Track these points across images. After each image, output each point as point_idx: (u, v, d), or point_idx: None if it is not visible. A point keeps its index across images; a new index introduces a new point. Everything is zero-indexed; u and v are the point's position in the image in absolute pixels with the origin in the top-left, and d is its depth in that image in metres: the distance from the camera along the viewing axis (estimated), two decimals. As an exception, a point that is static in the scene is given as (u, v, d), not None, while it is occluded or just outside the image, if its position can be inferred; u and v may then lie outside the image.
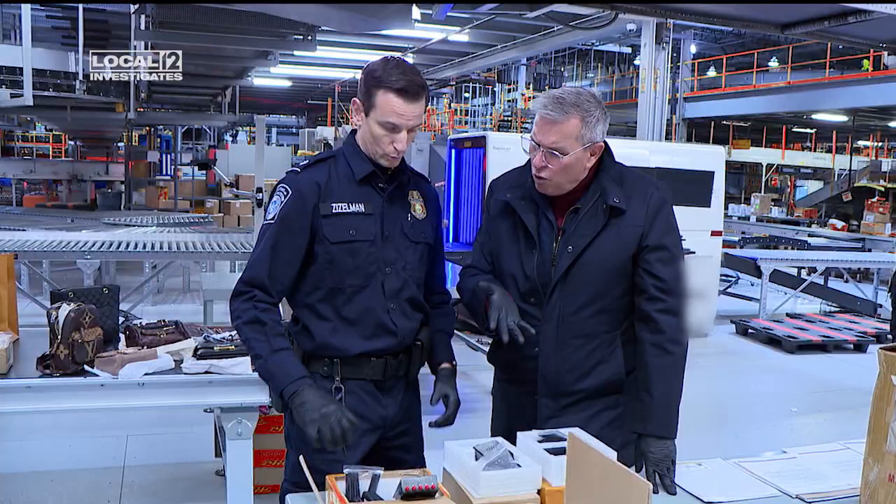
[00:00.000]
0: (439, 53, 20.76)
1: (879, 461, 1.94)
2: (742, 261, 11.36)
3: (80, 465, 5.02)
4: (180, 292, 11.52)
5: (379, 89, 2.30)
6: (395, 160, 2.40)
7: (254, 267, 2.35)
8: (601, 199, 2.39)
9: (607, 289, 2.41)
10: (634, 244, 2.39)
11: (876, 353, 1.96)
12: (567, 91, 2.36)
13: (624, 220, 2.39)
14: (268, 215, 2.40)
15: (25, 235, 8.81)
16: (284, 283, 2.38)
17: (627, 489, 1.56)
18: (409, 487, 1.80)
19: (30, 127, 28.52)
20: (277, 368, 2.27)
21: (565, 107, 2.30)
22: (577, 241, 2.38)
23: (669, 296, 2.37)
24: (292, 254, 2.36)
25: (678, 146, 15.52)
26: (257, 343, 2.30)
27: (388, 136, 2.33)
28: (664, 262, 2.39)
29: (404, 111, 2.31)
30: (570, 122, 2.30)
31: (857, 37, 8.06)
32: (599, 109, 2.35)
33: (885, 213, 19.31)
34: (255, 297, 2.32)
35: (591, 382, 2.45)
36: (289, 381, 2.24)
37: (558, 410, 2.46)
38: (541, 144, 2.34)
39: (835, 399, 7.37)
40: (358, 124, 2.41)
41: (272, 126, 40.86)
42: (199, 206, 20.96)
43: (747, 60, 22.64)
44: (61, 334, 3.17)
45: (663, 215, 2.42)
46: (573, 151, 2.32)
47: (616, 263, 2.39)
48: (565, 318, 2.42)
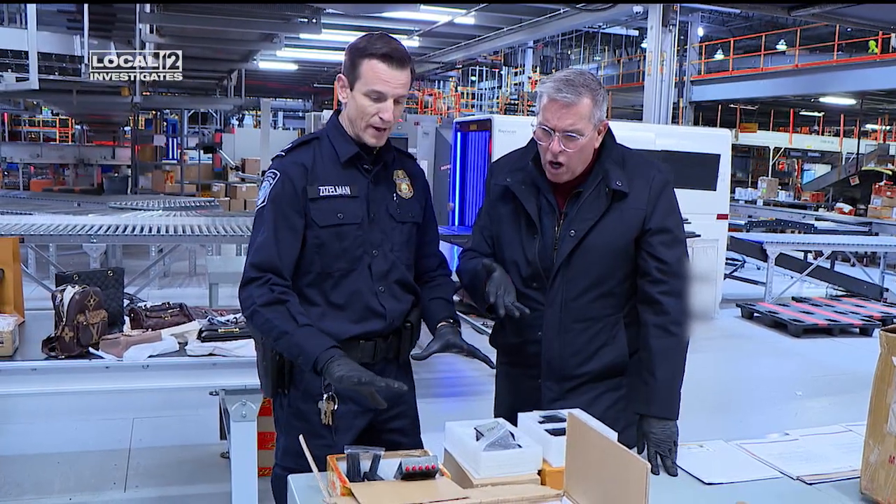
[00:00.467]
0: (445, 36, 20.69)
1: (880, 443, 1.94)
2: (748, 244, 11.34)
3: (85, 448, 5.05)
4: (186, 276, 11.56)
5: (363, 59, 2.29)
6: (382, 135, 2.37)
7: (261, 251, 2.31)
8: (603, 183, 2.38)
9: (610, 272, 2.41)
10: (637, 227, 2.38)
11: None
12: (571, 73, 2.35)
13: (626, 204, 2.38)
14: (259, 202, 2.38)
15: (32, 219, 8.82)
16: (291, 266, 2.35)
17: (626, 469, 1.57)
18: (409, 468, 1.81)
19: (36, 111, 28.52)
20: (306, 340, 2.23)
21: (577, 88, 2.28)
22: (580, 225, 2.38)
23: (672, 278, 2.37)
24: (292, 236, 2.33)
25: (685, 129, 15.48)
26: (280, 321, 2.24)
27: (373, 105, 2.30)
28: (667, 244, 2.38)
29: (389, 77, 2.29)
30: (584, 102, 2.29)
31: (865, 18, 8.03)
32: (601, 88, 2.36)
33: (892, 197, 19.20)
34: (269, 280, 2.28)
35: (594, 366, 2.45)
36: (321, 351, 2.19)
37: (562, 394, 2.46)
38: (556, 129, 2.30)
39: (840, 383, 7.37)
40: (344, 101, 2.38)
41: (278, 110, 40.83)
42: (206, 189, 20.96)
43: (755, 43, 22.53)
44: (66, 317, 3.18)
45: (665, 197, 2.41)
46: (587, 133, 2.31)
47: (619, 247, 2.39)
48: (568, 303, 2.42)
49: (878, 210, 18.27)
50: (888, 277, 12.82)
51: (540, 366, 2.48)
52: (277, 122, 39.71)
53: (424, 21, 17.88)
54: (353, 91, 2.32)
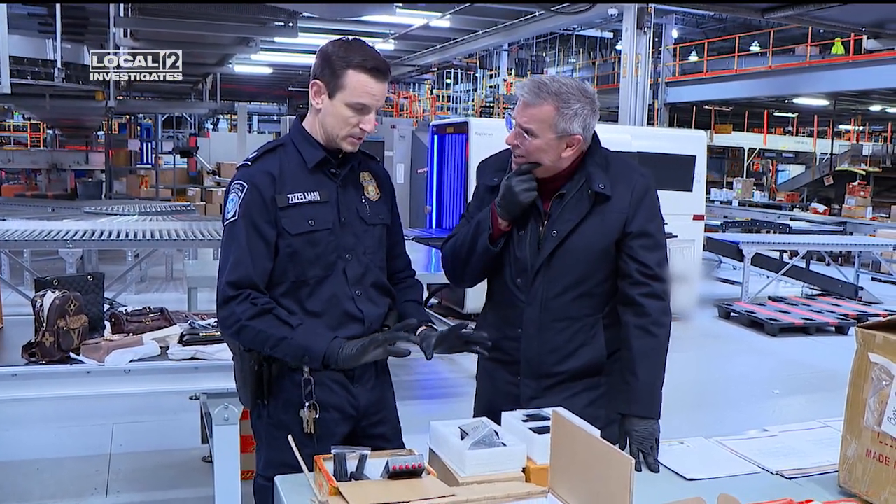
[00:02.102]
0: (421, 39, 20.71)
1: (857, 437, 1.98)
2: (724, 245, 11.44)
3: (66, 454, 5.01)
4: (163, 280, 11.49)
5: (348, 69, 2.27)
6: (359, 142, 2.38)
7: (237, 269, 2.28)
8: (586, 185, 2.41)
9: (590, 273, 2.44)
10: (618, 230, 2.41)
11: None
12: (553, 79, 2.37)
13: (609, 206, 2.40)
14: (227, 214, 2.34)
15: (5, 225, 8.75)
16: (266, 279, 2.33)
17: (610, 465, 1.59)
18: (395, 467, 1.83)
19: (7, 116, 28.25)
20: (308, 339, 2.25)
21: (542, 93, 2.31)
22: (562, 226, 2.40)
23: (654, 281, 2.40)
24: (265, 247, 2.31)
25: (660, 131, 15.58)
26: (274, 329, 2.25)
27: (355, 116, 2.30)
28: (648, 248, 2.41)
29: (375, 91, 2.30)
30: (543, 107, 2.31)
31: (837, 21, 8.14)
32: (582, 104, 2.33)
33: (865, 197, 19.46)
34: (249, 295, 2.27)
35: (572, 364, 2.47)
36: (326, 345, 2.24)
37: (540, 391, 2.48)
38: (515, 122, 2.37)
39: (816, 380, 7.45)
40: (318, 107, 2.35)
41: (253, 113, 40.58)
42: (181, 194, 20.89)
43: (728, 45, 22.69)
44: (46, 322, 3.16)
45: (648, 202, 2.44)
46: (543, 136, 2.33)
47: (600, 249, 2.42)
48: (548, 301, 2.44)
49: (852, 210, 18.50)
50: (863, 276, 12.98)
51: (519, 363, 2.50)
52: (252, 126, 39.50)
53: (400, 24, 17.89)
54: (334, 100, 2.30)
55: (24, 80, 11.96)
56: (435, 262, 7.41)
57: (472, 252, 2.49)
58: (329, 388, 2.39)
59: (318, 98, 2.34)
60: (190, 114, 27.50)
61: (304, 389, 2.34)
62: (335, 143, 2.36)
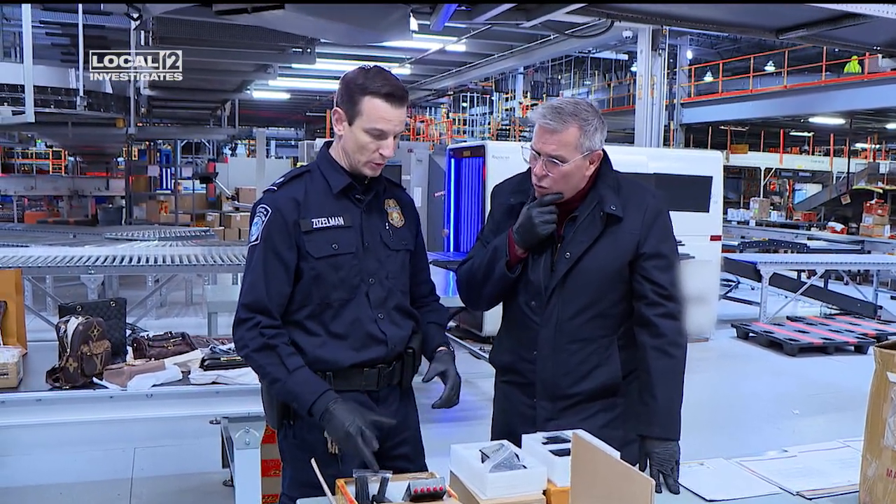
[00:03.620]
0: (437, 63, 20.82)
1: (877, 457, 1.98)
2: (742, 265, 11.40)
3: (88, 478, 5.05)
4: (183, 305, 11.56)
5: (364, 96, 2.31)
6: (379, 168, 2.42)
7: (252, 291, 2.34)
8: (598, 207, 2.44)
9: (604, 294, 2.46)
10: (631, 251, 2.43)
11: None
12: (565, 101, 2.40)
13: (621, 228, 2.43)
14: (251, 238, 2.39)
15: (28, 251, 8.84)
16: (282, 302, 2.38)
17: (631, 486, 1.60)
18: (417, 490, 1.84)
19: (30, 143, 28.55)
20: (299, 387, 2.29)
21: (564, 116, 2.35)
22: (575, 248, 2.43)
23: (669, 301, 2.42)
24: (284, 272, 2.36)
25: (676, 152, 15.56)
26: (272, 367, 2.31)
27: (374, 142, 2.34)
28: (661, 269, 2.43)
29: (392, 116, 2.34)
30: (569, 130, 2.35)
31: (851, 40, 8.12)
32: (597, 118, 2.39)
33: (883, 215, 19.36)
34: (259, 323, 2.32)
35: (587, 386, 2.48)
36: (315, 398, 2.26)
37: (556, 413, 2.50)
38: (541, 153, 2.38)
39: (836, 400, 7.40)
40: (339, 134, 2.40)
41: (271, 138, 40.91)
42: (200, 219, 20.99)
43: (743, 65, 22.71)
44: (70, 347, 3.21)
45: (660, 223, 2.46)
46: (572, 160, 2.36)
47: (613, 270, 2.44)
48: (562, 323, 2.46)
49: (869, 228, 18.40)
50: (881, 295, 12.90)
51: (534, 385, 2.52)
52: (270, 151, 39.79)
53: (416, 49, 18.00)
54: (353, 126, 2.35)
55: (47, 108, 12.11)
56: (452, 285, 7.43)
57: (488, 277, 2.52)
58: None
59: (340, 125, 2.38)
60: (209, 140, 27.73)
61: None
62: (358, 169, 2.40)
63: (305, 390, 2.28)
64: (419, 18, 7.42)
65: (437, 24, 7.13)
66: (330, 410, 2.24)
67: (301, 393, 2.29)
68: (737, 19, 7.54)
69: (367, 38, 8.47)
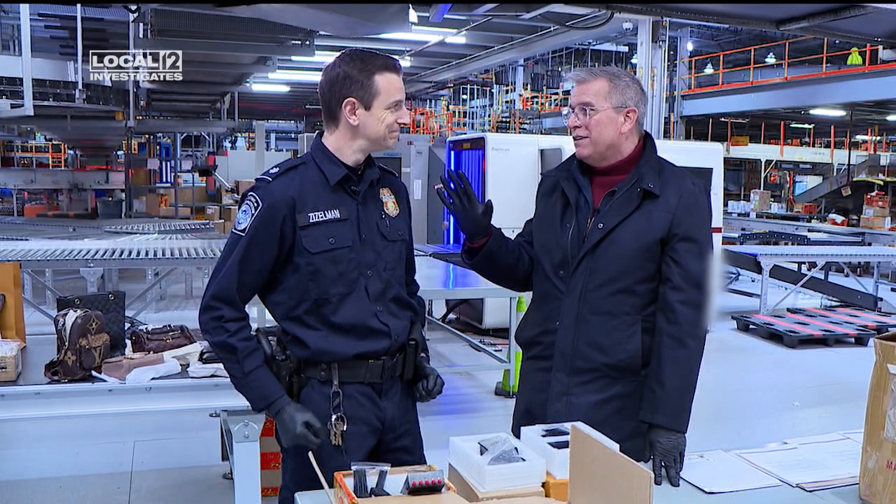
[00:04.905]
0: (437, 56, 20.81)
1: (877, 449, 1.97)
2: (742, 257, 11.39)
3: (88, 472, 5.05)
4: (183, 298, 11.56)
5: (374, 74, 2.34)
6: (396, 136, 2.47)
7: (223, 281, 2.35)
8: (637, 184, 2.47)
9: (631, 270, 2.46)
10: (663, 230, 2.43)
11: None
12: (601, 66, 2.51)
13: (656, 205, 2.45)
14: (238, 225, 2.38)
15: (28, 245, 8.84)
16: (251, 292, 2.42)
17: (630, 479, 1.60)
18: (415, 482, 1.83)
19: (29, 137, 28.55)
20: (251, 391, 2.37)
21: (593, 71, 2.52)
22: (609, 219, 2.46)
23: (693, 288, 2.41)
24: (261, 265, 2.37)
25: (677, 144, 15.50)
26: (229, 365, 2.39)
27: (393, 114, 2.38)
28: (693, 254, 2.43)
29: (401, 85, 2.43)
30: (597, 81, 2.48)
31: (852, 32, 8.11)
32: (629, 78, 2.53)
33: (884, 207, 19.31)
34: (222, 316, 2.34)
35: (603, 360, 2.47)
36: (266, 405, 2.36)
37: (571, 387, 2.50)
38: (573, 106, 2.51)
39: (836, 392, 7.40)
40: (355, 124, 2.37)
41: (271, 131, 40.85)
42: (200, 212, 20.98)
43: (744, 57, 22.64)
44: (69, 341, 3.21)
45: (697, 209, 2.48)
46: (601, 109, 2.46)
47: (642, 245, 2.44)
48: (587, 294, 2.47)
49: (870, 220, 18.36)
50: (882, 287, 12.89)
51: (553, 356, 2.53)
52: (270, 144, 39.73)
53: (416, 41, 17.98)
54: (372, 109, 2.36)
55: (45, 101, 12.09)
56: (453, 277, 7.43)
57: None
58: (357, 401, 2.43)
59: (354, 115, 2.37)
60: (208, 133, 27.69)
61: (332, 402, 2.37)
62: (381, 146, 2.44)
63: (256, 395, 2.37)
64: (418, 10, 7.41)
65: (436, 15, 7.12)
66: (278, 416, 2.34)
67: (252, 398, 2.39)
68: (737, 10, 7.53)
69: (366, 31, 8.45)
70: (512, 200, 5.65)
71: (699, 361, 2.44)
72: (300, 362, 2.42)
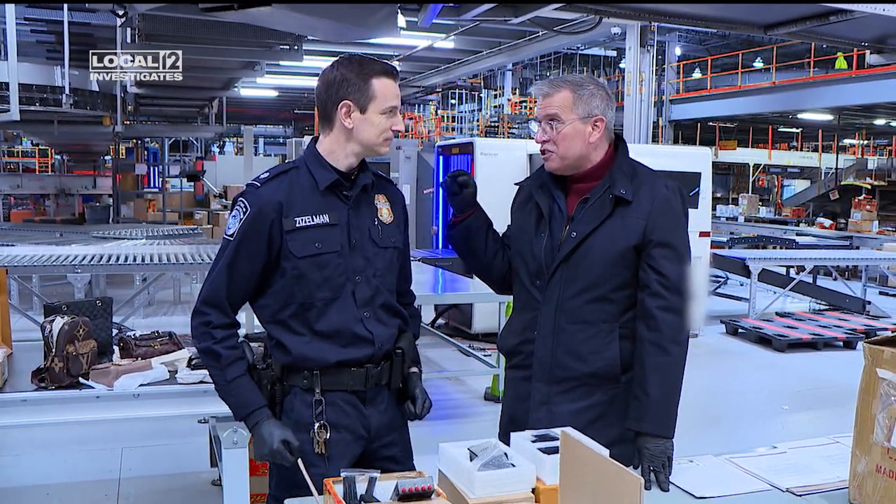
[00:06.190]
0: (425, 60, 20.81)
1: (867, 453, 1.97)
2: (731, 261, 11.42)
3: (75, 479, 5.01)
4: (171, 304, 11.51)
5: (371, 78, 2.34)
6: (390, 142, 2.46)
7: (213, 286, 2.36)
8: (609, 191, 2.45)
9: (607, 277, 2.45)
10: (637, 236, 2.42)
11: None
12: (563, 75, 2.52)
13: (629, 211, 2.44)
14: (227, 230, 2.38)
15: (14, 250, 8.77)
16: (242, 297, 2.41)
17: (620, 485, 1.59)
18: (405, 489, 1.82)
19: (16, 142, 28.39)
20: (232, 399, 2.36)
21: (555, 82, 2.49)
22: (582, 227, 2.45)
23: (672, 293, 2.40)
24: (250, 270, 2.36)
25: (665, 148, 15.61)
26: (213, 371, 2.38)
27: (389, 120, 2.38)
28: (669, 259, 2.42)
29: (398, 92, 2.42)
30: (561, 93, 2.47)
31: (839, 36, 8.14)
32: (595, 86, 2.48)
33: (871, 211, 19.40)
34: (211, 322, 2.33)
35: (582, 369, 2.47)
36: (245, 414, 2.34)
37: (551, 396, 2.50)
38: (539, 119, 2.50)
39: (825, 396, 7.42)
40: (350, 127, 2.36)
41: (259, 136, 40.80)
42: (188, 217, 20.94)
43: (732, 61, 22.75)
44: (56, 347, 3.18)
45: (672, 212, 2.46)
46: (568, 120, 2.44)
47: (617, 252, 2.43)
48: (563, 303, 2.47)
49: (858, 224, 18.44)
50: (870, 290, 12.95)
51: (533, 366, 2.53)
52: (258, 149, 39.68)
53: (404, 46, 17.99)
54: (367, 113, 2.35)
55: (32, 106, 12.03)
56: (442, 282, 7.42)
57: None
58: (341, 409, 2.40)
59: (349, 118, 2.36)
60: (196, 138, 27.65)
61: (314, 409, 2.36)
62: (374, 152, 2.43)
63: (238, 403, 2.35)
64: (407, 15, 7.41)
65: (425, 20, 7.12)
66: (256, 428, 2.31)
67: (233, 405, 2.37)
68: (725, 15, 7.55)
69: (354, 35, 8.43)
70: (500, 205, 5.62)
71: (683, 366, 2.43)
72: (283, 369, 2.40)
